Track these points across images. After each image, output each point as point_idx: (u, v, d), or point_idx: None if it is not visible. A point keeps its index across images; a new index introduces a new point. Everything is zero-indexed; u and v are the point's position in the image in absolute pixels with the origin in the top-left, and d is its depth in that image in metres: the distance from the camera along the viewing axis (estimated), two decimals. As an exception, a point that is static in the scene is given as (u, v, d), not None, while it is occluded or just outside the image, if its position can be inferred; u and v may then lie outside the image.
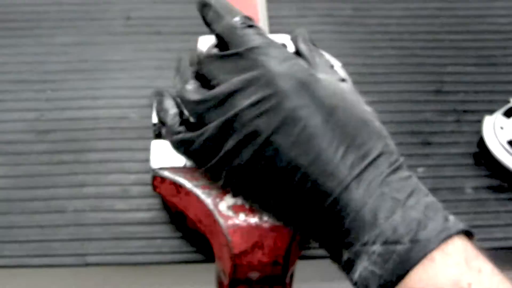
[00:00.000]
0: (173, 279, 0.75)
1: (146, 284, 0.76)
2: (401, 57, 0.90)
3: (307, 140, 0.48)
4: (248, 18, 0.55)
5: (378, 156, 0.49)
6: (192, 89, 0.55)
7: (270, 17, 0.90)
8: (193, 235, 0.71)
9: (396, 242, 0.46)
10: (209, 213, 0.57)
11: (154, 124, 0.63)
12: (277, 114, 0.49)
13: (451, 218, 0.49)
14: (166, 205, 0.72)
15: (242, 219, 0.56)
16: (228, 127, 0.51)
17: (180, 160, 0.60)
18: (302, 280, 0.69)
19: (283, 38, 0.71)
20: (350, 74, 0.86)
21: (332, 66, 0.55)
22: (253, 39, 0.53)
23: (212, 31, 0.57)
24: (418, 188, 0.49)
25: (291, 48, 0.58)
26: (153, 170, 0.61)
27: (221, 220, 0.57)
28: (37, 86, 0.84)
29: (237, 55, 0.52)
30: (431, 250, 0.46)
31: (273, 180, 0.50)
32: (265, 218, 0.56)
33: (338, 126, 0.49)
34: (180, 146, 0.55)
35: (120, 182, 0.76)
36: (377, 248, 0.47)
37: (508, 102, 0.82)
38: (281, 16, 0.94)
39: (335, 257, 0.50)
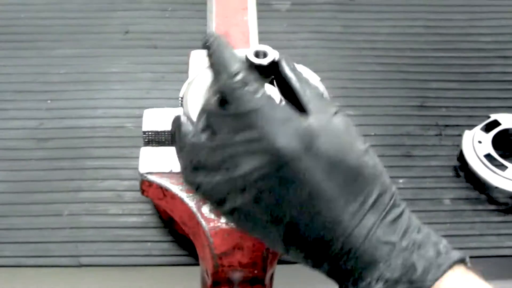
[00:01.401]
0: (162, 281, 0.79)
1: (137, 285, 0.80)
2: (387, 73, 0.94)
3: (310, 199, 0.52)
4: (247, 72, 0.55)
5: (376, 199, 0.53)
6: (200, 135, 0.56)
7: (261, 32, 0.94)
8: (182, 240, 0.75)
9: (396, 282, 0.52)
10: (192, 216, 0.61)
11: (144, 132, 0.67)
12: (280, 178, 0.52)
13: (443, 249, 0.53)
14: (157, 211, 0.77)
15: (223, 221, 0.61)
16: (233, 183, 0.53)
17: (167, 166, 0.64)
18: (283, 284, 0.73)
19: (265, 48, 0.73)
20: (337, 88, 0.91)
21: (322, 94, 0.57)
22: (251, 101, 0.53)
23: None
24: (410, 225, 0.54)
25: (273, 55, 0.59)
26: (141, 174, 0.65)
27: (203, 223, 0.61)
28: (38, 96, 0.89)
29: (237, 116, 0.54)
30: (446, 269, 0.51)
31: (280, 232, 0.53)
32: (245, 221, 0.61)
33: (338, 180, 0.53)
34: (195, 187, 0.56)
35: (114, 188, 0.80)
36: (380, 286, 0.52)
37: (488, 117, 0.86)
38: (272, 32, 0.98)
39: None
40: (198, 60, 0.73)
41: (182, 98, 0.65)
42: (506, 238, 0.79)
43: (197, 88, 0.64)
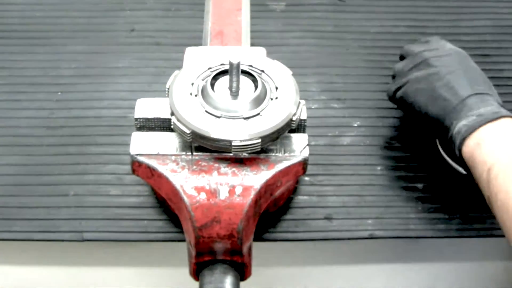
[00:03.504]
0: (156, 255, 0.87)
1: (134, 258, 0.88)
2: (372, 69, 1.01)
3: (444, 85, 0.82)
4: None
5: (492, 98, 0.80)
6: None
7: (257, 31, 1.01)
8: (175, 218, 0.83)
9: (479, 115, 0.77)
10: (176, 193, 0.69)
11: (136, 119, 0.74)
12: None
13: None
14: (153, 192, 0.84)
15: (203, 197, 0.68)
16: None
17: (155, 149, 0.72)
18: (264, 260, 0.80)
19: (259, 51, 0.82)
20: (325, 82, 0.98)
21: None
22: (426, 55, 0.86)
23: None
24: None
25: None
26: (132, 155, 0.72)
27: (186, 198, 0.68)
28: (49, 88, 0.97)
29: (418, 64, 0.86)
30: (500, 117, 0.77)
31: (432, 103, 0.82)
32: (222, 197, 0.68)
33: (470, 75, 0.83)
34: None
35: (116, 172, 0.88)
36: (466, 121, 0.78)
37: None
38: (268, 31, 1.05)
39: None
40: (192, 55, 0.81)
41: (168, 88, 0.72)
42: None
43: (181, 81, 0.72)
